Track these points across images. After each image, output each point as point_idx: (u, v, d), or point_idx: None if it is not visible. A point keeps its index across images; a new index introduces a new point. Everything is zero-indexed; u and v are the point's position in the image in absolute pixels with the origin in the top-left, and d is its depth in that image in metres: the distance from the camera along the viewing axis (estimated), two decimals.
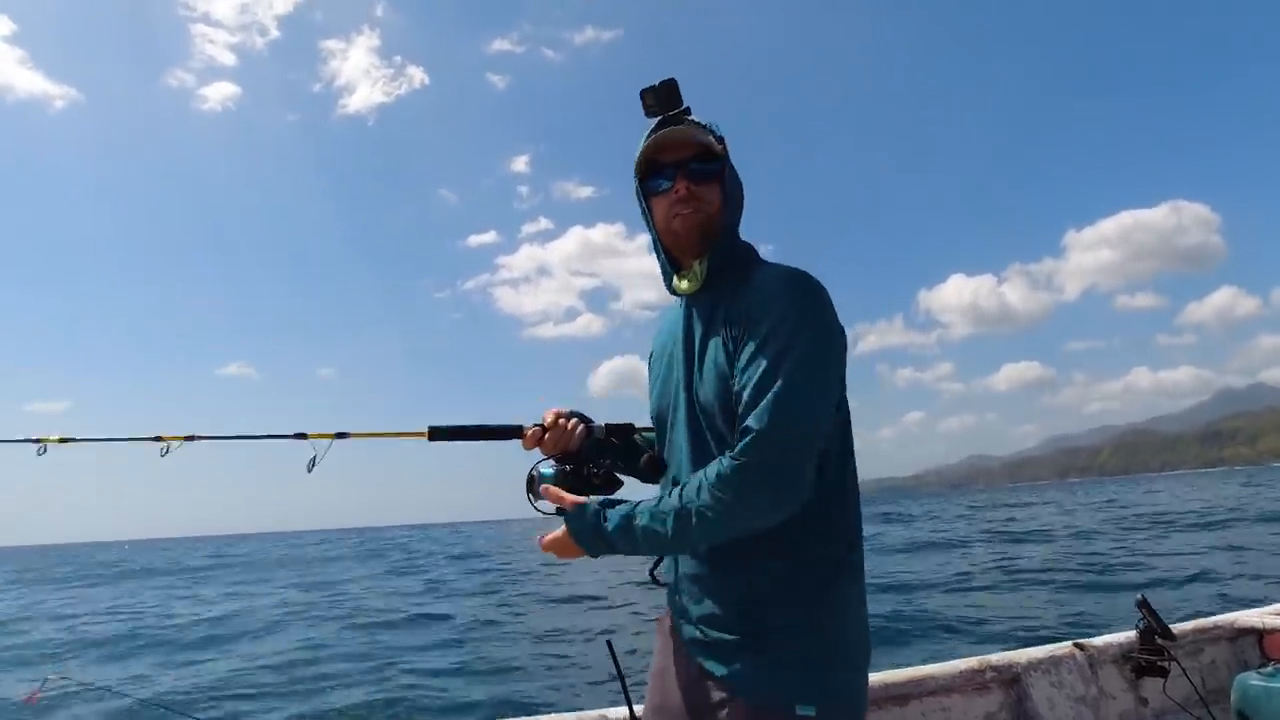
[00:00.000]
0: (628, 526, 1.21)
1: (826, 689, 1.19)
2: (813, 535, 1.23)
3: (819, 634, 1.21)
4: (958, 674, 2.38)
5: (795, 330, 1.17)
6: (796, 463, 1.13)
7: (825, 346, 1.19)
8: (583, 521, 1.25)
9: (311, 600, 14.02)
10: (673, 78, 1.31)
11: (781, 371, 1.14)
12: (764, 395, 1.13)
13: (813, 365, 1.15)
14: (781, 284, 1.23)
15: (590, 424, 1.45)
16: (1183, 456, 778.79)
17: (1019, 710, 2.40)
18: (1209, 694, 2.56)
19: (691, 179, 1.30)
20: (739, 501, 1.13)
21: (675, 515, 1.17)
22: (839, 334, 1.23)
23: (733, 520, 1.15)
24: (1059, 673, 2.45)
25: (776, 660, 1.20)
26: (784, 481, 1.12)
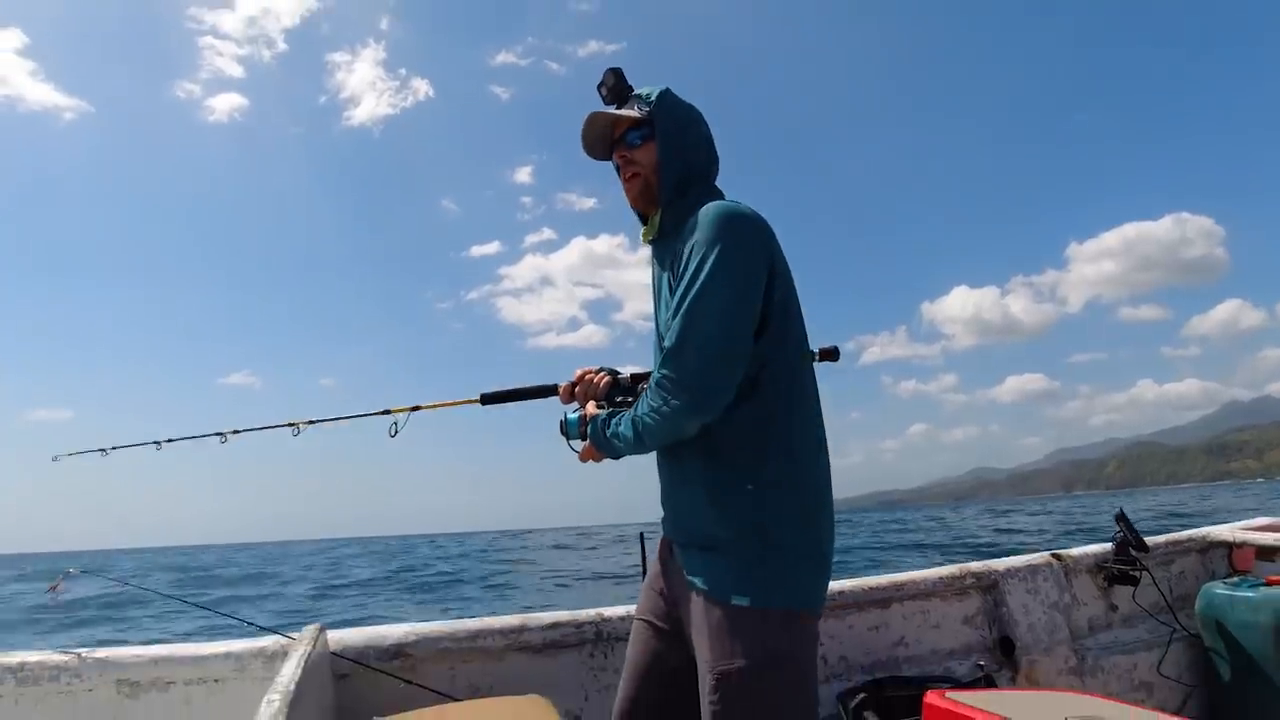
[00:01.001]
0: (616, 431, 1.47)
1: (760, 582, 1.35)
2: (748, 446, 1.39)
3: (755, 535, 1.37)
4: (938, 579, 2.49)
5: (704, 255, 1.34)
6: (702, 373, 1.32)
7: (729, 266, 1.33)
8: (595, 426, 1.52)
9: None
10: (617, 68, 1.57)
11: (690, 293, 1.34)
12: (677, 315, 1.35)
13: (714, 284, 1.33)
14: (701, 217, 1.41)
15: (616, 374, 1.68)
16: (1189, 469, 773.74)
17: (995, 614, 2.51)
18: (1175, 601, 2.67)
19: (626, 148, 1.54)
20: (662, 408, 1.35)
21: (630, 422, 1.43)
22: (751, 256, 1.38)
23: (662, 424, 1.36)
24: (1035, 580, 2.56)
25: (719, 556, 1.40)
26: (694, 390, 1.32)
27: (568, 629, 2.11)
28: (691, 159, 1.55)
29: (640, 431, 1.40)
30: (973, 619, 2.51)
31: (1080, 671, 2.48)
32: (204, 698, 1.91)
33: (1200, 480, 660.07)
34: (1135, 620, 2.66)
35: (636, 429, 1.40)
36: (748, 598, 1.34)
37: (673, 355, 1.34)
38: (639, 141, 1.53)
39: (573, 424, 1.59)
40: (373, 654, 1.94)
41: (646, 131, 1.52)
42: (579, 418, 1.59)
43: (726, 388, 1.34)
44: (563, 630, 2.10)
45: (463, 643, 2.03)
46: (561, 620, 2.13)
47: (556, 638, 2.10)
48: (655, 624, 1.59)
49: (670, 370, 1.34)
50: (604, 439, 1.49)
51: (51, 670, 1.87)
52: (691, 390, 1.32)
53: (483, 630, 2.05)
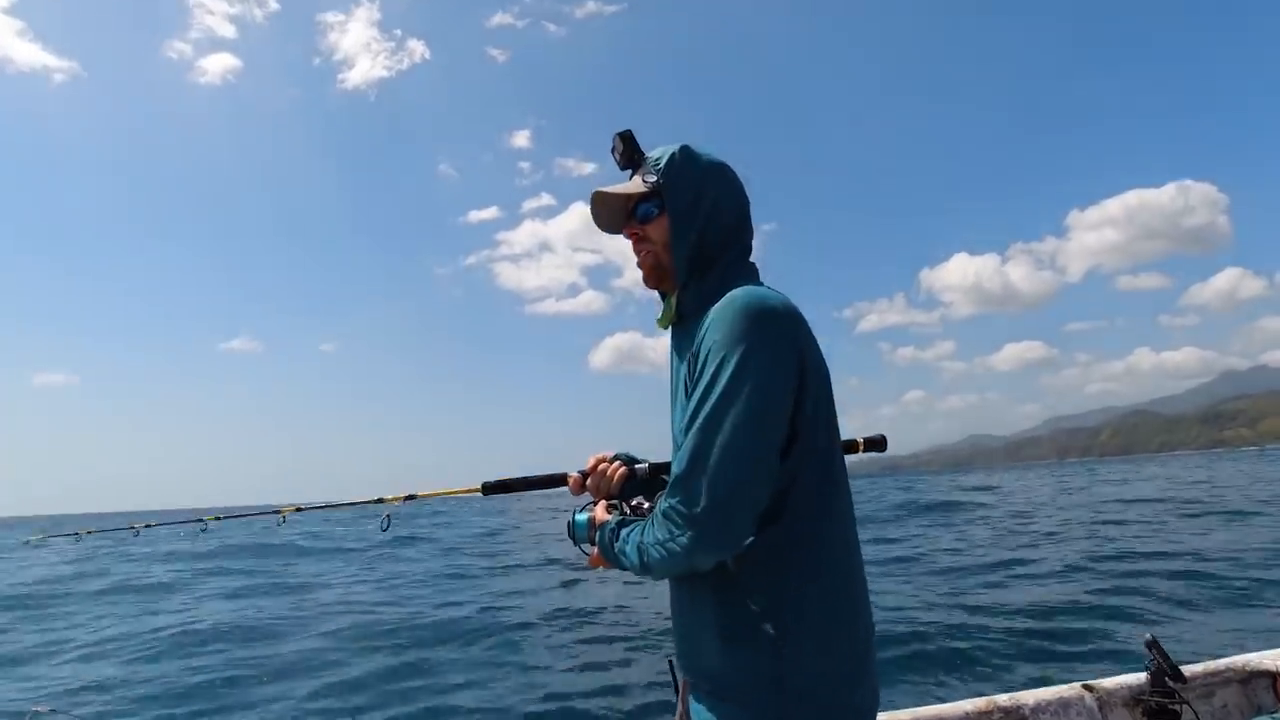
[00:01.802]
0: (622, 550, 1.27)
1: None
2: (766, 582, 1.19)
3: (772, 685, 1.17)
4: (964, 715, 2.35)
5: (718, 366, 1.14)
6: (716, 507, 1.11)
7: (749, 377, 1.13)
8: (602, 537, 1.34)
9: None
10: (627, 130, 1.37)
11: (705, 407, 1.14)
12: (689, 431, 1.15)
13: (737, 397, 1.12)
14: (719, 312, 1.19)
15: (634, 465, 1.44)
16: (1183, 438, 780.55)
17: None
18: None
19: (639, 223, 1.36)
20: (669, 543, 1.15)
21: (637, 549, 1.23)
22: (776, 363, 1.16)
23: (670, 560, 1.17)
24: (1068, 715, 2.42)
25: (731, 708, 1.20)
26: (706, 527, 1.11)
27: None
28: (710, 232, 1.32)
29: (646, 562, 1.21)
30: None
31: None
32: None
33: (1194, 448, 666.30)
34: None
35: (642, 559, 1.21)
36: None
37: (681, 483, 1.14)
38: (652, 215, 1.34)
39: (580, 528, 1.42)
40: None
41: (659, 204, 1.33)
42: (588, 521, 1.41)
43: (744, 523, 1.13)
44: None
45: None
46: None
47: None
48: None
49: (678, 502, 1.14)
50: (611, 553, 1.31)
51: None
52: (702, 527, 1.11)
53: None
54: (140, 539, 24.24)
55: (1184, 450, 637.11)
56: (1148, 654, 2.49)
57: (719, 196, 1.33)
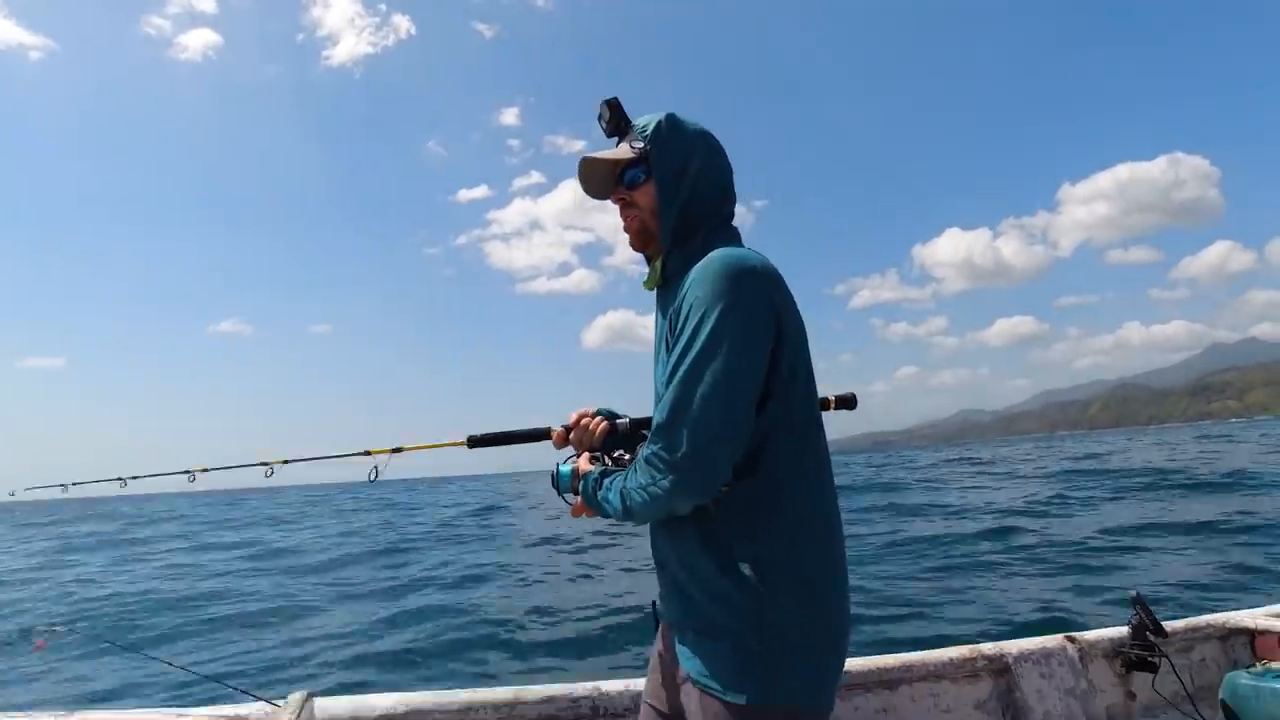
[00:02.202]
0: (605, 497, 1.34)
1: (759, 677, 1.21)
2: (746, 525, 1.25)
3: (752, 624, 1.23)
4: (948, 661, 2.40)
5: (699, 320, 1.20)
6: (696, 453, 1.17)
7: (729, 330, 1.19)
8: (585, 486, 1.40)
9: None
10: (614, 98, 1.41)
11: (683, 364, 1.20)
12: (669, 386, 1.21)
13: (711, 352, 1.18)
14: (699, 271, 1.25)
15: (615, 420, 1.51)
16: (1171, 410, 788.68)
17: (1008, 700, 2.43)
18: (1197, 691, 2.59)
19: (626, 188, 1.41)
20: (651, 486, 1.22)
21: (620, 494, 1.29)
22: (753, 319, 1.21)
23: (652, 504, 1.23)
24: (1049, 664, 2.47)
25: (713, 645, 1.26)
26: (686, 471, 1.18)
27: (563, 704, 2.04)
28: (696, 198, 1.37)
29: (629, 506, 1.27)
30: (984, 704, 2.42)
31: None
32: None
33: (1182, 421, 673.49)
34: (1156, 710, 2.57)
35: (625, 503, 1.28)
36: (745, 695, 1.21)
37: (663, 431, 1.20)
38: (639, 180, 1.38)
39: (564, 478, 1.48)
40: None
41: (645, 170, 1.37)
42: (571, 472, 1.48)
43: (722, 468, 1.19)
44: (558, 705, 2.04)
45: (452, 715, 1.96)
46: (557, 694, 2.06)
47: (551, 712, 2.03)
48: (659, 709, 1.49)
49: (660, 448, 1.20)
50: (594, 501, 1.38)
51: None
52: (683, 471, 1.18)
53: (474, 704, 1.99)
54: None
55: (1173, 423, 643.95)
56: (1131, 609, 2.55)
57: (704, 164, 1.38)
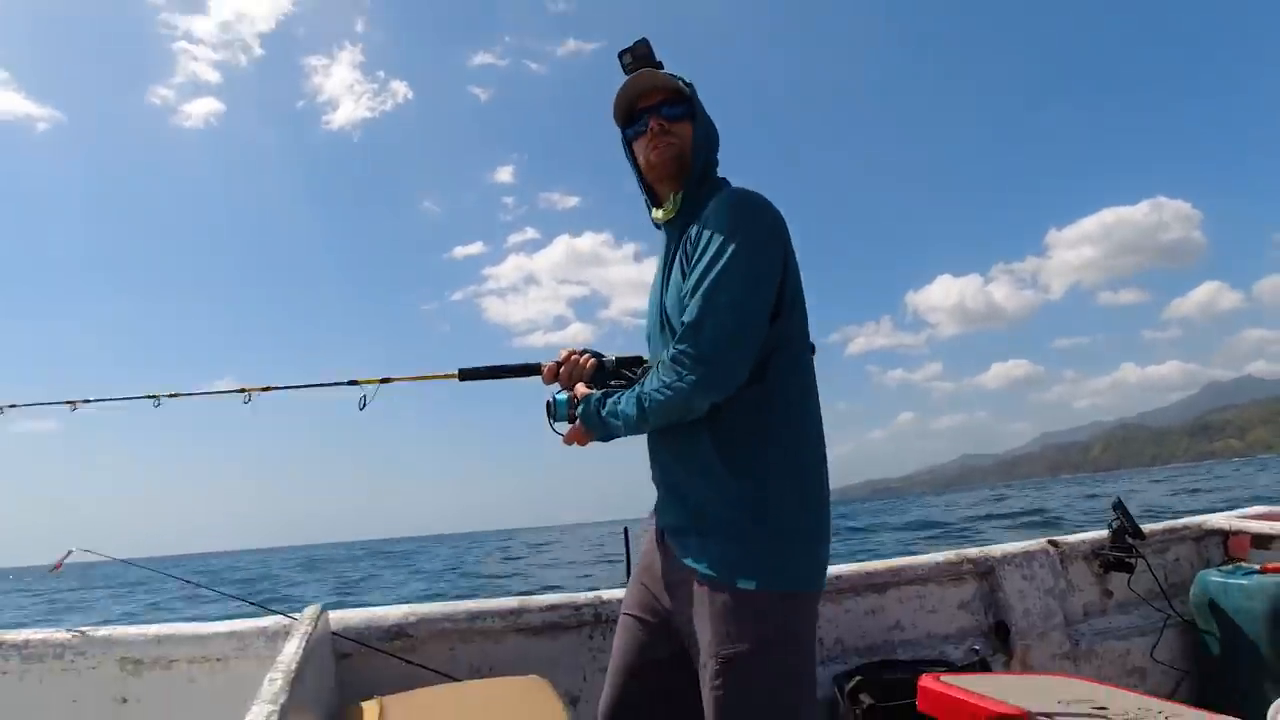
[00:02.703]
0: (615, 409, 1.44)
1: (765, 564, 1.34)
2: (750, 428, 1.39)
3: (757, 517, 1.36)
4: (934, 565, 2.50)
5: (726, 238, 1.36)
6: (720, 350, 1.32)
7: (750, 249, 1.35)
8: (588, 406, 1.48)
9: None
10: (645, 38, 1.53)
11: (711, 272, 1.34)
12: (696, 294, 1.35)
13: (736, 266, 1.34)
14: (719, 204, 1.43)
15: (601, 357, 1.64)
16: (1173, 450, 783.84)
17: (991, 599, 2.52)
18: (1170, 588, 2.68)
19: (664, 118, 1.51)
20: (676, 383, 1.33)
21: (637, 398, 1.40)
22: (770, 241, 1.40)
23: (673, 399, 1.34)
24: (1031, 566, 2.56)
25: (722, 540, 1.38)
26: (711, 367, 1.32)
27: (566, 611, 2.13)
28: (715, 148, 1.57)
29: (647, 408, 1.37)
30: (968, 604, 2.52)
31: (1074, 657, 2.49)
32: (207, 676, 1.94)
33: (1184, 461, 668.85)
34: (1130, 607, 2.67)
35: (643, 405, 1.38)
36: (754, 581, 1.32)
37: (690, 331, 1.33)
38: (678, 116, 1.52)
39: (562, 405, 1.53)
40: (373, 634, 1.97)
41: (684, 110, 1.52)
42: (568, 399, 1.54)
43: (742, 366, 1.34)
44: (561, 612, 2.12)
45: (462, 624, 2.04)
46: (560, 603, 2.14)
47: (555, 620, 2.12)
48: (643, 618, 1.57)
49: (688, 345, 1.32)
50: (597, 419, 1.46)
51: (56, 648, 1.91)
52: (709, 364, 1.31)
53: (482, 611, 2.08)
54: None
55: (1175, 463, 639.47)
56: (1112, 514, 2.65)
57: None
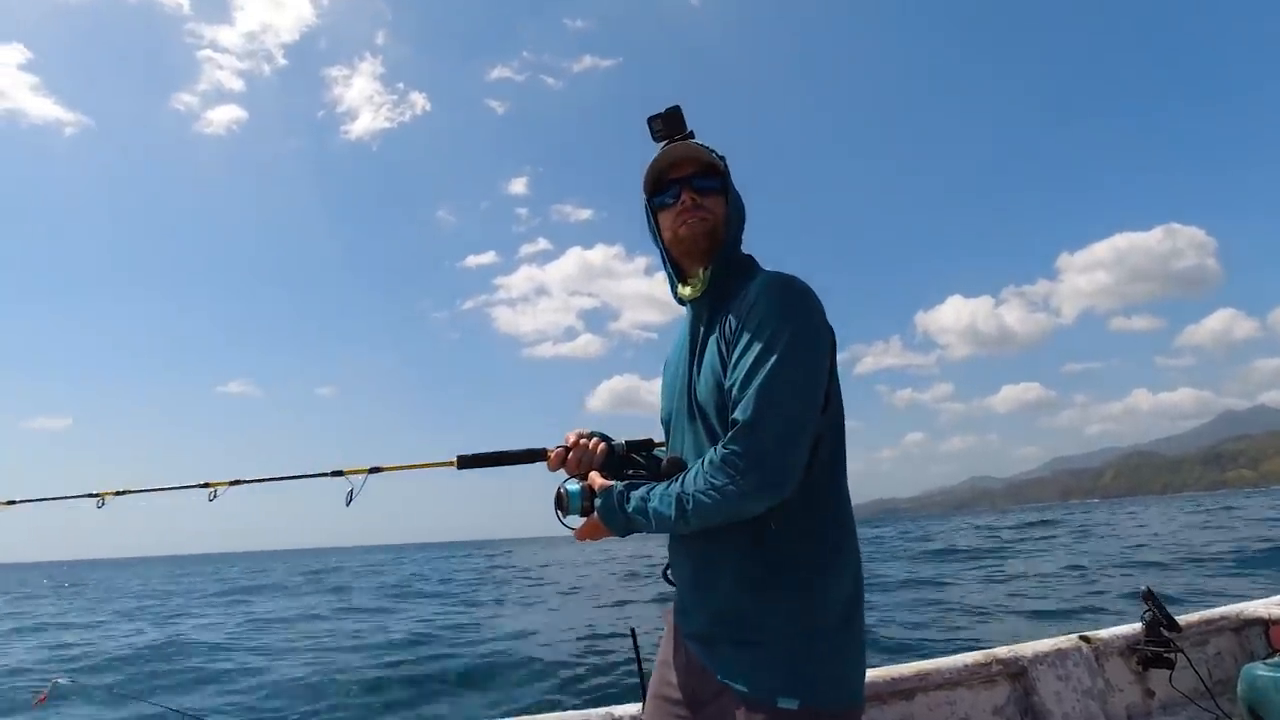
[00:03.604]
0: (643, 507, 1.32)
1: (810, 682, 1.23)
2: (798, 529, 1.29)
3: (804, 627, 1.26)
4: (963, 668, 2.37)
5: (778, 328, 1.26)
6: (781, 450, 1.21)
7: (806, 343, 1.27)
8: (609, 501, 1.36)
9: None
10: (678, 105, 1.45)
11: (765, 367, 1.23)
12: (749, 388, 1.23)
13: (793, 359, 1.24)
14: (767, 286, 1.33)
15: (610, 442, 1.53)
16: (1185, 479, 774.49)
17: (1026, 703, 2.39)
18: (1215, 685, 2.56)
19: (696, 191, 1.43)
20: (728, 486, 1.21)
21: (676, 498, 1.27)
22: (822, 332, 1.31)
23: (723, 504, 1.23)
24: (1065, 665, 2.44)
25: (760, 652, 1.26)
26: (770, 468, 1.20)
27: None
28: (743, 224, 1.49)
29: (689, 510, 1.25)
30: (1003, 709, 2.38)
31: None
32: None
33: (1197, 490, 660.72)
34: (1175, 707, 2.54)
35: (683, 506, 1.25)
36: (797, 700, 1.21)
37: (746, 431, 1.21)
38: (710, 189, 1.44)
39: (575, 497, 1.40)
40: None
41: (718, 184, 1.44)
42: (582, 490, 1.41)
43: (799, 468, 1.23)
44: None
45: None
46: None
47: None
48: (673, 697, 1.42)
49: (743, 445, 1.21)
50: (620, 514, 1.34)
51: None
52: (769, 467, 1.20)
53: None
54: None
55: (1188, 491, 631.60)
56: (1144, 605, 2.53)
57: None
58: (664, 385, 1.57)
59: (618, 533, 1.37)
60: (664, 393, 1.56)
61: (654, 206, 1.49)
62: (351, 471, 1.60)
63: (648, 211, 1.51)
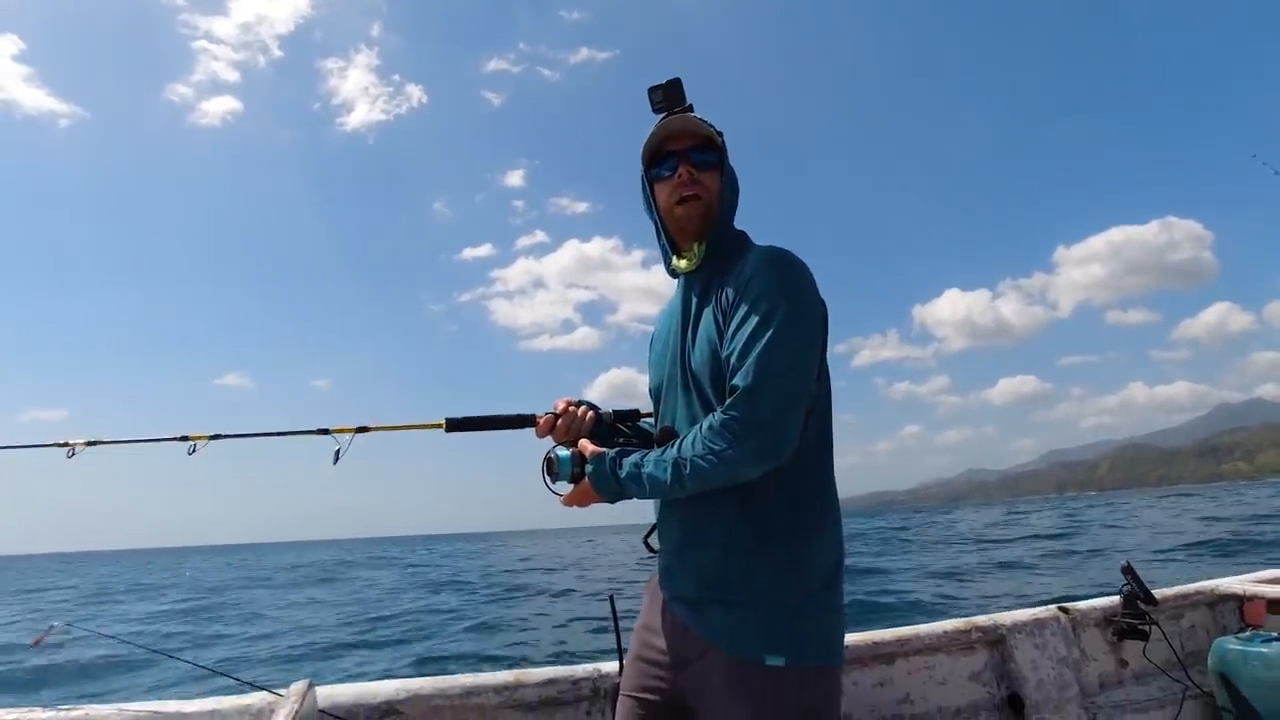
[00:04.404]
0: (637, 473, 1.34)
1: (795, 638, 1.27)
2: (786, 496, 1.33)
3: (790, 589, 1.29)
4: (943, 634, 2.42)
5: (775, 301, 1.29)
6: (779, 416, 1.24)
7: (801, 314, 1.30)
8: (601, 467, 1.38)
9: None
10: (678, 77, 1.45)
11: (763, 336, 1.26)
12: (748, 357, 1.26)
13: (790, 330, 1.27)
14: (764, 261, 1.36)
15: (599, 410, 1.56)
16: (1180, 472, 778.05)
17: (1003, 670, 2.44)
18: (1187, 657, 2.61)
19: (693, 165, 1.43)
20: (727, 450, 1.24)
21: (673, 463, 1.30)
22: (816, 304, 1.35)
23: (721, 468, 1.25)
24: (1043, 634, 2.49)
25: (747, 612, 1.30)
26: (768, 434, 1.24)
27: (564, 685, 2.05)
28: (737, 199, 1.51)
29: (684, 474, 1.27)
30: (980, 675, 2.44)
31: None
32: None
33: (1192, 482, 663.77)
34: (1147, 677, 2.59)
35: (680, 471, 1.28)
36: (783, 656, 1.25)
37: (745, 397, 1.24)
38: (708, 165, 1.44)
39: (565, 462, 1.41)
40: (363, 711, 1.89)
41: (714, 159, 1.45)
42: (572, 455, 1.42)
43: (795, 434, 1.27)
44: (559, 687, 2.05)
45: (455, 700, 1.97)
46: (557, 676, 2.07)
47: (553, 694, 2.04)
48: (647, 699, 1.46)
49: (742, 411, 1.24)
50: (611, 480, 1.36)
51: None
52: (767, 433, 1.23)
53: (476, 687, 1.99)
54: None
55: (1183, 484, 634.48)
56: (1123, 579, 2.59)
57: None
58: (653, 357, 1.59)
59: (608, 499, 1.39)
60: (653, 364, 1.58)
61: (650, 178, 1.49)
62: (338, 430, 1.60)
63: (645, 183, 1.51)
